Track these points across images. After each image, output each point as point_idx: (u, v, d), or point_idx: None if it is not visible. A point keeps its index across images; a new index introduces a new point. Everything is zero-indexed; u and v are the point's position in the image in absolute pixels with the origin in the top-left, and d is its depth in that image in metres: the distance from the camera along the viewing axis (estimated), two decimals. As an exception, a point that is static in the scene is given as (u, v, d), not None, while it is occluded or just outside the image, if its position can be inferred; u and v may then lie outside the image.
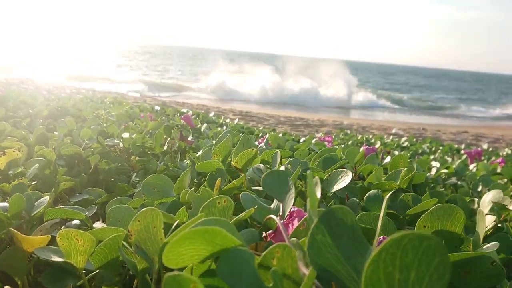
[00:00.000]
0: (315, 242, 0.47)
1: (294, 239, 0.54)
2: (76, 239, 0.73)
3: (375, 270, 0.37)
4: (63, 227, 0.96)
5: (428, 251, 0.35)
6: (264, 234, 0.77)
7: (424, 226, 0.76)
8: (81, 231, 0.73)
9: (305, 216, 0.72)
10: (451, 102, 28.06)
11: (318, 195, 0.57)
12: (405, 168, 1.19)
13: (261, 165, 1.21)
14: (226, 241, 0.50)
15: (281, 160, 1.30)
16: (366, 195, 1.06)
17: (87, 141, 1.92)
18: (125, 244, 0.76)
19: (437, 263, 0.35)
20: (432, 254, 0.35)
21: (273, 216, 0.72)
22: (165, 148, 1.91)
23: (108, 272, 0.78)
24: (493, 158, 3.78)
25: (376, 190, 1.06)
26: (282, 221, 0.74)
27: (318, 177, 0.61)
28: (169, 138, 1.95)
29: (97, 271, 0.78)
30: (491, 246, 0.78)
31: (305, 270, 0.47)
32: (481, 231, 0.82)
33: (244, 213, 0.77)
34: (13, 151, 1.29)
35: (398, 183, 1.19)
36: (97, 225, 1.01)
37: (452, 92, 38.65)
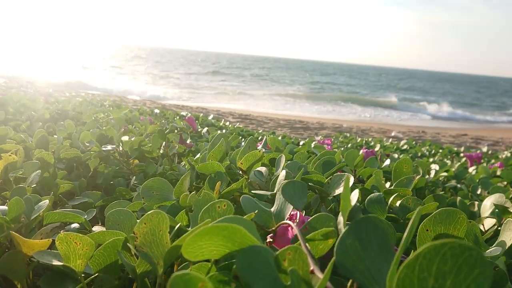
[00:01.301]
0: (344, 244, 0.49)
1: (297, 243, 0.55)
2: (75, 242, 0.72)
3: (409, 274, 0.37)
4: (62, 230, 0.96)
5: (469, 262, 0.35)
6: (269, 238, 0.77)
7: (427, 230, 0.76)
8: (80, 235, 0.72)
9: (307, 220, 0.72)
10: (449, 104, 28.25)
11: (353, 202, 0.59)
12: (419, 176, 1.19)
13: (263, 168, 1.21)
14: (245, 239, 0.51)
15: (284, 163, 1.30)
16: (368, 198, 1.06)
17: (87, 144, 1.92)
18: (130, 246, 0.76)
19: (477, 274, 0.35)
20: (473, 264, 0.35)
21: (289, 222, 0.73)
22: (161, 151, 1.91)
23: (107, 275, 0.78)
24: (493, 161, 3.78)
25: (378, 193, 1.06)
26: (287, 226, 0.75)
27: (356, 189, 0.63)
28: (164, 142, 1.95)
29: (96, 274, 0.78)
30: (493, 251, 0.77)
31: (319, 274, 0.48)
32: (509, 240, 0.81)
33: (245, 217, 0.77)
34: (9, 155, 1.28)
35: (411, 189, 1.18)
36: (96, 228, 1.00)
37: (446, 94, 38.72)
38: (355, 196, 0.61)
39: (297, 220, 0.78)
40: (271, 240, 0.76)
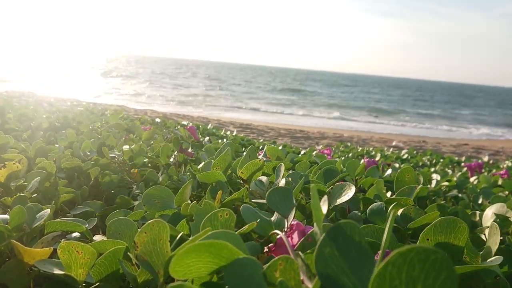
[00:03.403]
0: (322, 254, 0.48)
1: (297, 252, 0.54)
2: (77, 251, 0.72)
3: (381, 283, 0.37)
4: (63, 239, 0.96)
5: (435, 265, 0.35)
6: (266, 248, 0.77)
7: (428, 239, 0.76)
8: (82, 244, 0.72)
9: (310, 231, 0.72)
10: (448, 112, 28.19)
11: (324, 210, 0.57)
12: (420, 186, 1.19)
13: (264, 178, 1.21)
14: (232, 254, 0.51)
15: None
16: (369, 207, 1.05)
17: (88, 153, 1.93)
18: (130, 255, 0.76)
19: (444, 277, 0.35)
20: (439, 268, 0.35)
21: (278, 231, 0.72)
22: (171, 160, 1.92)
23: (108, 285, 0.78)
24: (494, 170, 3.78)
25: (380, 203, 1.06)
26: (287, 236, 0.74)
27: (325, 195, 0.61)
28: (176, 151, 1.95)
29: (97, 284, 0.78)
30: (495, 260, 0.77)
31: (309, 284, 0.48)
32: (494, 245, 0.81)
33: (246, 226, 0.77)
34: (13, 164, 1.28)
35: (412, 199, 1.18)
36: (97, 237, 1.00)
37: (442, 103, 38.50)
38: (325, 204, 0.60)
39: (288, 229, 0.78)
40: (269, 249, 0.76)
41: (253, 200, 1.12)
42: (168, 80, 39.20)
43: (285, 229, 0.78)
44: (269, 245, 0.77)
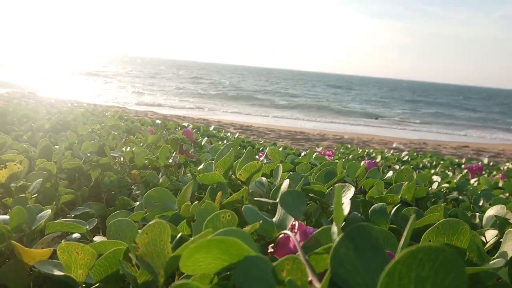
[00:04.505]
0: (338, 254, 0.49)
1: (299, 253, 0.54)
2: (76, 252, 0.72)
3: (389, 282, 0.37)
4: (63, 240, 0.96)
5: (445, 265, 0.35)
6: (270, 248, 0.77)
7: (430, 241, 0.76)
8: (82, 244, 0.72)
9: (314, 232, 0.72)
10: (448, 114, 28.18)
11: (346, 211, 0.58)
12: (406, 182, 1.19)
13: (264, 179, 1.21)
14: (242, 251, 0.51)
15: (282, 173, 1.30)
16: (371, 208, 1.05)
17: (88, 154, 1.93)
18: (131, 256, 0.76)
19: (453, 276, 0.35)
20: (448, 267, 0.35)
21: (288, 232, 0.72)
22: (170, 161, 1.92)
23: (108, 285, 0.78)
24: (494, 172, 3.78)
25: (381, 204, 1.06)
26: (297, 237, 0.74)
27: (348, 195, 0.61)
28: (175, 152, 1.95)
29: (97, 284, 0.78)
30: (496, 262, 0.77)
31: (317, 284, 0.48)
32: (510, 251, 0.81)
33: (249, 227, 0.77)
34: (14, 164, 1.28)
35: (400, 196, 1.18)
36: (98, 238, 1.00)
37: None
38: (347, 205, 0.61)
39: (295, 230, 0.78)
40: (272, 250, 0.76)
41: (255, 199, 1.12)
42: (169, 82, 39.22)
43: (295, 230, 0.79)
44: (272, 245, 0.77)
